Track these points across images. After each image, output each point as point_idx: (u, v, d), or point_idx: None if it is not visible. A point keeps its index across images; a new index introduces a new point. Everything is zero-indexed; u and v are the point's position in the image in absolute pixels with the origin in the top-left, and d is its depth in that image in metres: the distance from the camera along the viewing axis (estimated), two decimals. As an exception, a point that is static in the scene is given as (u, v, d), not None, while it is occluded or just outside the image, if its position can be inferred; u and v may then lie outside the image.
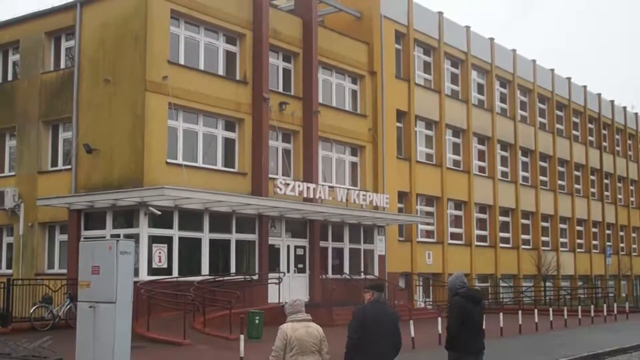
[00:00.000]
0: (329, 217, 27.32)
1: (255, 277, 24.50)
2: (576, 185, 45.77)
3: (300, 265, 26.76)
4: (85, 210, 23.22)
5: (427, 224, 33.63)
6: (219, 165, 24.87)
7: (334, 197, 26.48)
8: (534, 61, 42.37)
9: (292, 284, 25.79)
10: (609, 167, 49.67)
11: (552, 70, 44.22)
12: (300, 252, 26.82)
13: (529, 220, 41.19)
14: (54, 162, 25.49)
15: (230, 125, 25.36)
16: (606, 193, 49.31)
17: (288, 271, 26.04)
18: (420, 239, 32.90)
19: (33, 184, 25.21)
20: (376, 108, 30.83)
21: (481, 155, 38.05)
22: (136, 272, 18.89)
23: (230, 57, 25.74)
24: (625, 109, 52.83)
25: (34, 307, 21.21)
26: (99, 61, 23.68)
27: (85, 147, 23.19)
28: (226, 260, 24.30)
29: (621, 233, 50.77)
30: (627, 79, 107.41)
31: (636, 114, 54.59)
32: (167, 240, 22.39)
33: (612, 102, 50.84)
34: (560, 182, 44.10)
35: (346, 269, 28.45)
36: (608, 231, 48.89)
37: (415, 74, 33.56)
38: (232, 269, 24.26)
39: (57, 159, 25.41)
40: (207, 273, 23.13)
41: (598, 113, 48.94)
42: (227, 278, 23.48)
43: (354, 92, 30.86)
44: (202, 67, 24.58)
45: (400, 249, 31.37)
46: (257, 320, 19.34)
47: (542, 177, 42.37)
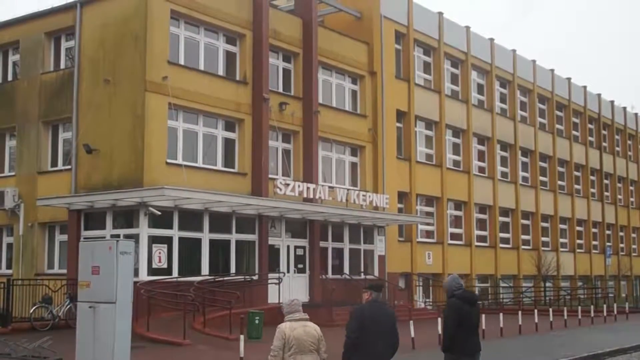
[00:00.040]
0: (329, 218, 27.33)
1: (255, 277, 24.50)
2: (576, 186, 45.75)
3: (300, 266, 26.76)
4: (85, 210, 23.23)
5: (427, 224, 33.62)
6: (219, 166, 24.87)
7: (333, 197, 26.48)
8: (534, 61, 42.36)
9: (292, 284, 25.79)
10: (609, 167, 49.66)
11: (552, 70, 44.21)
12: (300, 252, 26.82)
13: (529, 220, 41.18)
14: (54, 162, 25.49)
15: (230, 126, 25.37)
16: (606, 193, 49.30)
17: (288, 271, 26.04)
18: (420, 239, 32.90)
19: (33, 184, 25.21)
20: (376, 108, 30.83)
21: (481, 156, 38.04)
22: (136, 272, 18.89)
23: (230, 57, 25.74)
24: (625, 109, 52.82)
25: (34, 307, 21.21)
26: (99, 61, 23.69)
27: (85, 147, 23.19)
28: (226, 261, 24.30)
29: (621, 233, 50.75)
30: (627, 79, 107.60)
31: (636, 114, 54.57)
32: (167, 240, 22.40)
33: (612, 102, 50.83)
34: (560, 182, 44.08)
35: (346, 269, 28.45)
36: (608, 231, 48.87)
37: (415, 74, 33.56)
38: (232, 269, 24.26)
39: (57, 159, 25.42)
40: (207, 273, 23.13)
41: (598, 113, 48.93)
42: (227, 278, 23.47)
43: (354, 92, 30.86)
44: (202, 68, 24.58)
45: (400, 249, 31.36)
46: (257, 321, 19.35)
47: (542, 178, 42.35)
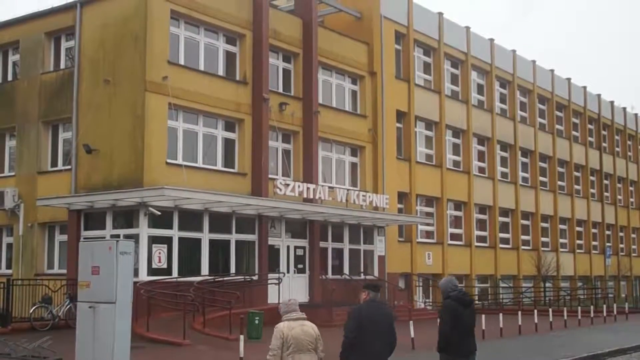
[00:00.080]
0: (329, 218, 27.33)
1: (255, 277, 24.50)
2: (576, 186, 45.76)
3: (300, 266, 26.76)
4: (85, 210, 23.23)
5: (427, 224, 33.61)
6: (219, 166, 24.87)
7: (333, 197, 26.49)
8: (534, 62, 42.36)
9: (292, 285, 25.79)
10: (609, 167, 49.66)
11: (552, 70, 44.22)
12: (300, 252, 26.82)
13: (529, 221, 41.18)
14: (54, 163, 25.49)
15: (230, 126, 25.37)
16: (606, 194, 49.30)
17: (288, 271, 26.04)
18: (420, 240, 32.90)
19: (33, 184, 25.21)
20: (376, 108, 30.84)
21: (481, 156, 38.05)
22: (136, 272, 18.90)
23: (230, 57, 25.75)
24: (625, 109, 52.84)
25: (34, 307, 21.21)
26: (99, 61, 23.69)
27: (85, 147, 23.19)
28: (226, 261, 24.30)
29: (621, 234, 50.76)
30: (627, 79, 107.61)
31: (636, 114, 54.59)
32: (167, 240, 22.39)
33: (612, 102, 50.84)
34: (560, 182, 44.08)
35: (346, 269, 28.45)
36: (608, 232, 48.87)
37: (415, 75, 33.56)
38: (232, 270, 24.26)
39: (57, 159, 25.41)
40: (207, 273, 23.13)
41: (598, 114, 48.93)
42: (227, 278, 23.47)
43: (354, 93, 30.86)
44: (202, 68, 24.58)
45: (400, 250, 31.36)
46: (256, 321, 19.35)
47: (541, 178, 42.36)
